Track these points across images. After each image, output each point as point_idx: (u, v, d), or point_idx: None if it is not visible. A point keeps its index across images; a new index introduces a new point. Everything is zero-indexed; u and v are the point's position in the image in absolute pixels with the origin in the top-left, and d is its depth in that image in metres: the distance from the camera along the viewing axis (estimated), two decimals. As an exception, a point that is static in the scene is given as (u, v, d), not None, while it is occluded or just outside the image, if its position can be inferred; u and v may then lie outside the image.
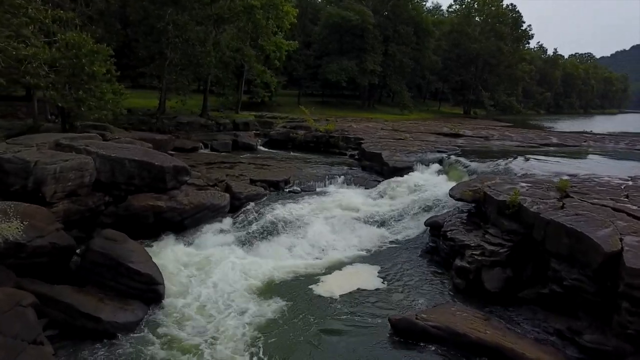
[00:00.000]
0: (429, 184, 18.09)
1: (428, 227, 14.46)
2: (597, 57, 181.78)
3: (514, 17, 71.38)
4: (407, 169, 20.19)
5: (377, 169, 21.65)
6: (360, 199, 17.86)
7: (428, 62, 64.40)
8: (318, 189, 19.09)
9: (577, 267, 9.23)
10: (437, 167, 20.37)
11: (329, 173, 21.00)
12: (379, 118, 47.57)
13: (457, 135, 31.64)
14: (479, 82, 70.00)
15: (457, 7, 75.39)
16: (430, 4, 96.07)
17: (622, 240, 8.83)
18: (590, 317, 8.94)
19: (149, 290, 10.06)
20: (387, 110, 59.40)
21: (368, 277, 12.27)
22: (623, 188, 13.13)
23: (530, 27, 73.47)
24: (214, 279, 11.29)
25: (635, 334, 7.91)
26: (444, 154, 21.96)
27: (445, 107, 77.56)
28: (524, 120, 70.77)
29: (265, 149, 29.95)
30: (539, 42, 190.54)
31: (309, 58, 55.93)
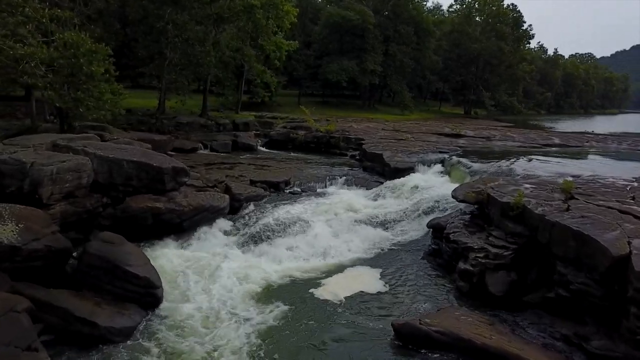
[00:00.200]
0: (431, 185, 17.89)
1: (430, 229, 14.27)
2: (597, 57, 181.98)
3: (515, 17, 71.18)
4: (408, 170, 20.00)
5: (378, 170, 21.47)
6: (362, 200, 17.69)
7: (429, 62, 64.29)
8: (319, 190, 18.90)
9: (583, 270, 9.02)
10: (439, 167, 20.18)
11: (330, 174, 20.81)
12: (380, 118, 47.37)
13: (458, 136, 31.45)
14: (480, 82, 69.80)
15: (457, 7, 75.28)
16: (431, 4, 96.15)
17: (630, 244, 8.61)
18: (598, 322, 8.72)
19: (147, 294, 9.87)
20: (387, 111, 59.23)
21: (370, 280, 12.07)
22: (629, 189, 12.91)
23: (531, 27, 73.43)
24: (214, 282, 11.08)
25: (645, 340, 7.70)
26: (446, 155, 21.75)
27: (446, 107, 77.40)
28: (525, 121, 70.58)
29: (266, 150, 29.77)
30: (540, 42, 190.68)
31: (309, 58, 55.78)
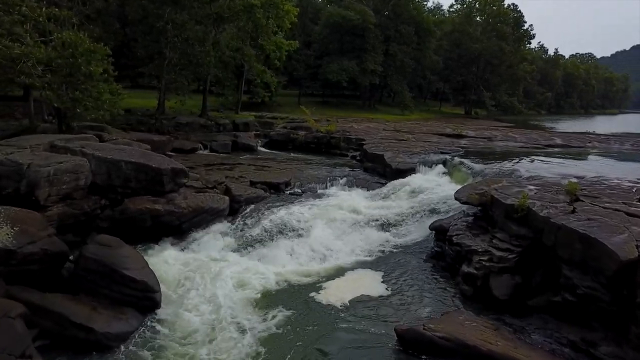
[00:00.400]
0: (433, 186, 17.72)
1: (433, 231, 14.07)
2: (597, 57, 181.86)
3: (515, 16, 71.04)
4: (410, 171, 19.83)
5: (379, 171, 21.27)
6: (363, 201, 17.49)
7: (429, 62, 64.16)
8: (319, 191, 18.69)
9: (590, 274, 8.82)
10: (440, 168, 19.98)
11: (331, 175, 20.59)
12: (380, 118, 47.20)
13: (459, 136, 31.28)
14: (481, 82, 69.63)
15: (458, 6, 75.18)
16: (431, 4, 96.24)
17: (638, 247, 8.43)
18: (606, 327, 8.53)
19: (145, 298, 9.68)
20: (388, 111, 59.06)
21: (372, 283, 11.87)
22: (635, 191, 12.71)
23: (532, 27, 73.26)
24: (213, 286, 10.86)
25: (655, 347, 7.53)
26: (448, 155, 21.56)
27: (446, 107, 77.22)
28: (525, 121, 70.44)
29: (266, 150, 29.57)
30: (540, 42, 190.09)
31: (310, 58, 55.62)
